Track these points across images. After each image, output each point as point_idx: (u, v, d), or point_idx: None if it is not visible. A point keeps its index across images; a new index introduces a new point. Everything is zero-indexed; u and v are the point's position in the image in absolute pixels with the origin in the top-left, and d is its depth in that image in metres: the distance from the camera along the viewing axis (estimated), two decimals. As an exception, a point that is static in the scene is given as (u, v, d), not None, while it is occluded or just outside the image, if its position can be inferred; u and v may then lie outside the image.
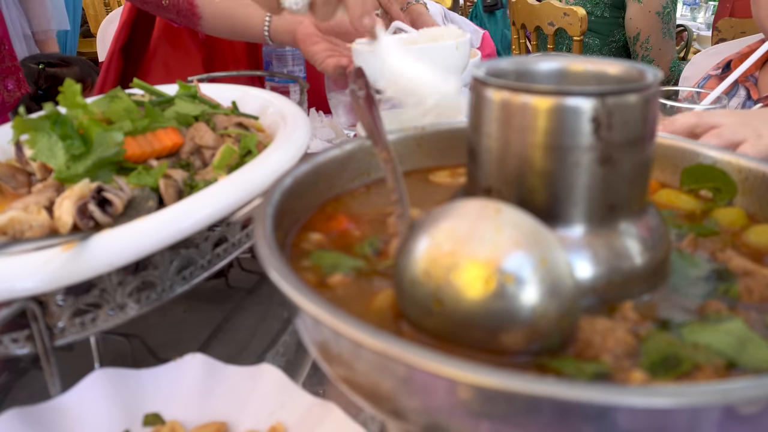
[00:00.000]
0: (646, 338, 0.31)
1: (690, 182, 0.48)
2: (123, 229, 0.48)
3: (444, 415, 0.28)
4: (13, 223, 0.51)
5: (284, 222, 0.41)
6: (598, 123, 0.33)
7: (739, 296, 0.35)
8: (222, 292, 0.75)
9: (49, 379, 0.48)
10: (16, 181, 0.62)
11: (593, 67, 0.39)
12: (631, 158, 0.34)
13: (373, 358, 0.28)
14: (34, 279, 0.44)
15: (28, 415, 0.45)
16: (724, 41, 1.56)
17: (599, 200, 0.35)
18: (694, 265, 0.38)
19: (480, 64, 0.37)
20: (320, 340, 0.32)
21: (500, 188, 0.36)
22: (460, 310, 0.30)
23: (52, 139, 0.60)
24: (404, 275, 0.33)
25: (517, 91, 0.34)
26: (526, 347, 0.31)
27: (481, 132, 0.36)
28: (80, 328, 0.48)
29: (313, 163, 0.45)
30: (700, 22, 4.03)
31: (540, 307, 0.29)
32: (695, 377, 0.29)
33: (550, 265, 0.30)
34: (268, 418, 0.48)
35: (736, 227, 0.43)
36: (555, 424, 0.25)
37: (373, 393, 0.31)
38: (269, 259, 0.31)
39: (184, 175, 0.60)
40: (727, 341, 0.30)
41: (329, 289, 0.36)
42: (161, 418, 0.48)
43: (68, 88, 0.65)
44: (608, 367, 0.30)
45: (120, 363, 0.51)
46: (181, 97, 0.69)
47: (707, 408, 0.23)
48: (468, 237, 0.31)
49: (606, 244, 0.35)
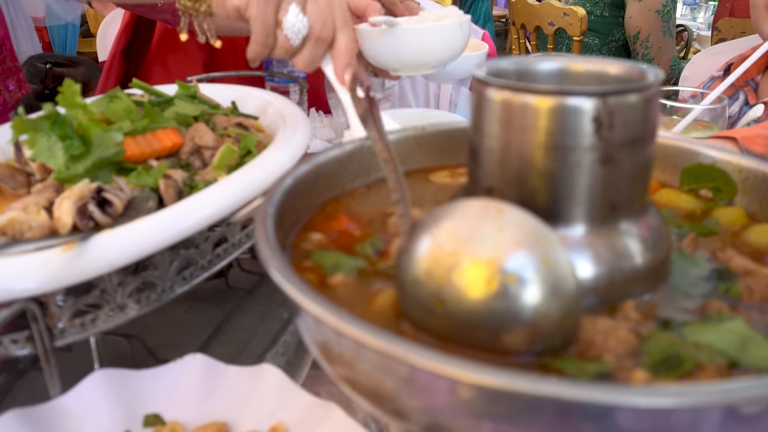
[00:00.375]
0: (647, 338, 0.31)
1: (690, 182, 0.48)
2: (123, 230, 0.48)
3: (446, 415, 0.28)
4: (13, 224, 0.51)
5: (285, 222, 0.41)
6: (600, 123, 0.33)
7: (740, 296, 0.35)
8: (221, 292, 0.75)
9: (49, 380, 0.48)
10: (16, 181, 0.62)
11: (594, 67, 0.39)
12: (633, 158, 0.34)
13: (376, 358, 0.28)
14: (34, 279, 0.44)
15: (29, 416, 0.45)
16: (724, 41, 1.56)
17: (601, 200, 0.35)
18: (694, 265, 0.38)
19: (481, 64, 0.37)
20: (322, 340, 0.31)
21: (502, 188, 0.36)
22: (462, 310, 0.30)
23: (51, 139, 0.60)
24: (406, 275, 0.33)
25: (519, 91, 0.34)
26: (528, 347, 0.31)
27: (482, 132, 0.36)
28: (80, 328, 0.48)
29: (313, 163, 0.45)
30: (700, 22, 4.04)
31: (542, 307, 0.29)
32: (697, 377, 0.29)
33: (552, 265, 0.30)
34: (268, 418, 0.48)
35: (737, 227, 0.43)
36: (557, 424, 0.25)
37: (374, 393, 0.31)
38: (271, 259, 0.31)
39: (183, 176, 0.60)
40: (728, 341, 0.30)
41: (330, 289, 0.36)
42: (161, 419, 0.48)
43: (67, 89, 0.65)
44: (610, 367, 0.30)
45: (119, 363, 0.51)
46: (181, 98, 0.69)
47: (710, 408, 0.23)
48: (470, 237, 0.31)
49: (607, 244, 0.35)
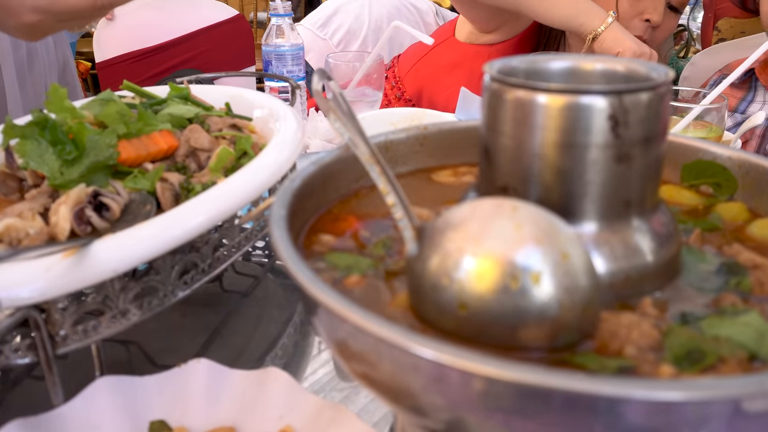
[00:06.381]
0: (667, 332, 0.32)
1: (690, 178, 0.48)
2: (125, 235, 0.47)
3: (470, 412, 0.28)
4: (10, 231, 0.50)
5: (295, 224, 0.41)
6: (616, 121, 0.33)
7: (751, 289, 0.36)
8: (217, 296, 0.74)
9: (51, 388, 0.47)
10: (7, 187, 0.61)
11: (602, 65, 0.39)
12: (646, 155, 0.35)
13: (400, 357, 0.28)
14: (36, 287, 0.44)
15: (33, 426, 0.44)
16: (723, 41, 1.59)
17: (615, 197, 0.35)
18: (703, 260, 0.39)
19: (492, 62, 0.37)
20: (341, 338, 0.31)
21: (516, 186, 0.36)
22: (486, 311, 0.30)
23: (41, 146, 0.59)
24: (424, 280, 0.32)
25: (534, 90, 0.34)
26: (549, 343, 0.31)
27: (496, 131, 0.36)
28: (83, 335, 0.48)
29: (319, 164, 0.45)
30: (700, 22, 4.07)
31: (566, 301, 0.30)
32: (720, 370, 0.29)
33: (571, 259, 0.30)
34: (276, 421, 0.47)
35: (739, 222, 0.44)
36: (582, 419, 0.26)
37: (395, 390, 0.31)
38: (293, 261, 0.31)
39: (180, 179, 0.59)
40: (747, 333, 0.31)
41: (346, 289, 0.36)
42: (168, 425, 0.47)
43: (54, 93, 0.64)
44: (632, 361, 0.30)
45: (118, 370, 0.50)
46: (174, 99, 0.69)
47: (746, 398, 0.23)
48: (487, 237, 0.31)
49: (622, 241, 0.35)
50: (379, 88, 1.23)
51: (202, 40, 2.28)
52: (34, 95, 1.31)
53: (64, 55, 1.45)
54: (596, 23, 1.23)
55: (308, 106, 1.35)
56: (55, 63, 1.40)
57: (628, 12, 1.34)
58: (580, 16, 1.25)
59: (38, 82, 1.34)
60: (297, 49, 1.21)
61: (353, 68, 1.19)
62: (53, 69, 1.40)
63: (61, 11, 0.77)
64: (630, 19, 1.34)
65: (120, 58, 2.20)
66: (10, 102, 1.23)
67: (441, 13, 2.23)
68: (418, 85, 1.62)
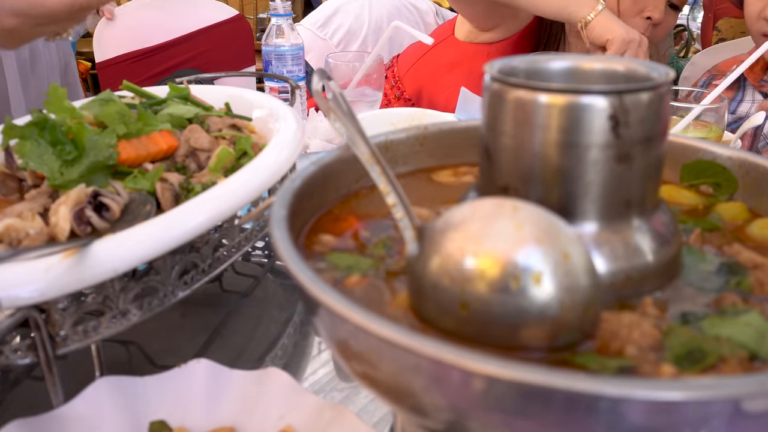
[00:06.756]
0: (667, 332, 0.32)
1: (690, 178, 0.48)
2: (125, 235, 0.47)
3: (471, 412, 0.28)
4: (10, 231, 0.50)
5: (295, 224, 0.41)
6: (616, 121, 0.33)
7: (751, 289, 0.36)
8: (216, 296, 0.74)
9: (51, 388, 0.47)
10: (7, 187, 0.61)
11: (603, 65, 0.39)
12: (647, 155, 0.35)
13: (402, 357, 0.28)
14: (36, 287, 0.44)
15: (32, 426, 0.44)
16: (723, 41, 1.59)
17: (616, 197, 0.35)
18: (703, 260, 0.39)
19: (492, 62, 0.37)
20: (342, 338, 0.31)
21: (517, 186, 0.36)
22: (487, 311, 0.30)
23: (41, 146, 0.59)
24: (425, 281, 0.32)
25: (535, 90, 0.34)
26: (550, 343, 0.31)
27: (497, 131, 0.36)
28: (83, 335, 0.48)
29: (320, 164, 0.45)
30: (700, 22, 4.07)
31: (567, 301, 0.30)
32: (721, 370, 0.29)
33: (572, 258, 0.30)
34: (277, 422, 0.47)
35: (739, 221, 0.44)
36: (583, 419, 0.26)
37: (396, 390, 0.31)
38: (293, 262, 0.31)
39: (180, 179, 0.59)
40: (747, 333, 0.31)
41: (347, 289, 0.36)
42: (168, 426, 0.47)
43: (53, 93, 0.64)
44: (633, 361, 0.30)
45: (117, 370, 0.50)
46: (174, 100, 0.69)
47: (747, 398, 0.23)
48: (488, 237, 0.31)
49: (622, 240, 0.35)
50: (378, 88, 1.23)
51: (202, 40, 2.28)
52: (36, 96, 1.32)
53: (66, 55, 1.46)
54: (585, 11, 1.24)
55: (308, 106, 1.35)
56: (57, 64, 1.41)
57: (630, 9, 1.35)
58: (571, 5, 1.26)
59: (41, 83, 1.35)
60: (297, 49, 1.21)
61: (353, 68, 1.19)
62: (55, 70, 1.41)
63: (39, 14, 0.78)
64: (632, 16, 1.35)
65: (120, 58, 2.20)
66: (13, 103, 1.23)
67: (441, 13, 2.23)
68: (417, 85, 1.62)
